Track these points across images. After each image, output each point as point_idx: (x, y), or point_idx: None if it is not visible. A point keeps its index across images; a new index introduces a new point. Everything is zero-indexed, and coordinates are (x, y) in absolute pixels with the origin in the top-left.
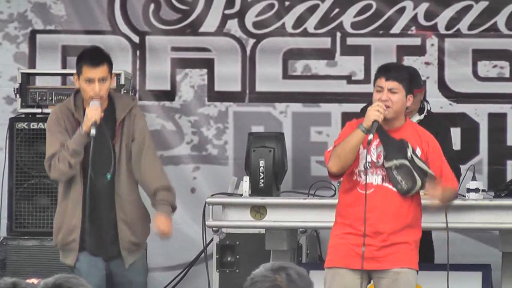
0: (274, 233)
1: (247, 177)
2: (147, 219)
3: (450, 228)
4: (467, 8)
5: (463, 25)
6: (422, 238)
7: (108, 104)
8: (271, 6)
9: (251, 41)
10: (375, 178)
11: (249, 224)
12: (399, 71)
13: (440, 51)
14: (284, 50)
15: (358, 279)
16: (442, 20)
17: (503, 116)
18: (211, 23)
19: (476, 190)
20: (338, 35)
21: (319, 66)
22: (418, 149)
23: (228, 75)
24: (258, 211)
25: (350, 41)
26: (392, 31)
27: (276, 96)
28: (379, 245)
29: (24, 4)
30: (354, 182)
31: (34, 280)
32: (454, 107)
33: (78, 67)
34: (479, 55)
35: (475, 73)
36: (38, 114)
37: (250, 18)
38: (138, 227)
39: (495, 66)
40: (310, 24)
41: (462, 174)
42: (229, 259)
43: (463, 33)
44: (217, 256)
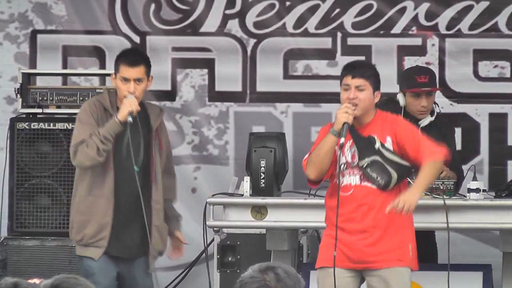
0: (275, 233)
1: (248, 177)
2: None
3: (451, 228)
4: (468, 8)
5: (464, 25)
6: (426, 238)
7: (141, 109)
8: (272, 6)
9: (252, 41)
10: (352, 179)
11: (250, 224)
12: (365, 68)
13: (441, 51)
14: (285, 50)
15: (349, 277)
16: (442, 20)
17: (504, 116)
18: (211, 23)
19: (476, 190)
20: (339, 35)
21: (320, 66)
22: (388, 139)
23: (229, 75)
24: (259, 211)
25: (350, 41)
26: (393, 31)
27: (277, 96)
28: (368, 244)
29: (24, 4)
30: (335, 185)
31: (36, 280)
32: (454, 107)
33: (116, 66)
34: (480, 55)
35: (475, 73)
36: (39, 114)
37: (251, 18)
38: (164, 235)
39: (496, 66)
40: (311, 24)
41: (463, 176)
42: (230, 259)
43: (464, 33)
44: (218, 256)
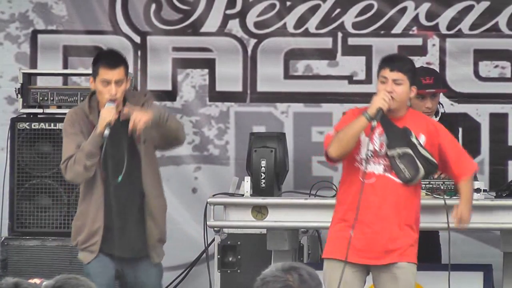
0: (276, 233)
1: (249, 177)
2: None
3: (451, 228)
4: (469, 8)
5: (464, 25)
6: (430, 239)
7: (123, 105)
8: (273, 6)
9: (253, 41)
10: (376, 168)
11: (250, 224)
12: (403, 62)
13: (442, 51)
14: (286, 50)
15: (355, 272)
16: (443, 20)
17: (504, 116)
18: (212, 23)
19: (477, 190)
20: (340, 35)
21: (320, 66)
22: (422, 136)
23: (229, 75)
24: (260, 211)
25: (351, 41)
26: (393, 31)
27: (277, 96)
28: (379, 236)
29: (25, 4)
30: (355, 169)
31: (36, 280)
32: (455, 107)
33: (95, 69)
34: (481, 55)
35: (476, 73)
36: (40, 114)
37: (252, 18)
38: (161, 221)
39: (496, 66)
40: (312, 24)
41: None
42: (230, 259)
43: (465, 33)
44: (218, 256)
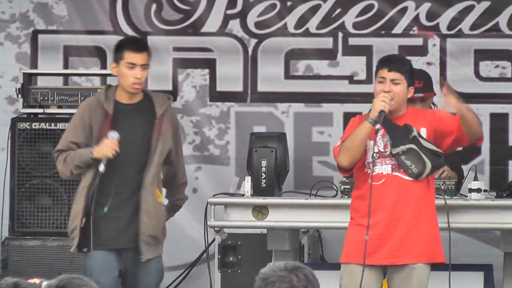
0: (276, 233)
1: (249, 177)
2: (164, 216)
3: (452, 228)
4: (469, 8)
5: (465, 25)
6: None
7: (143, 98)
8: (273, 6)
9: (253, 41)
10: (384, 168)
11: (251, 224)
12: (401, 62)
13: (442, 51)
14: (286, 50)
15: (372, 275)
16: (444, 20)
17: (505, 116)
18: (213, 23)
19: (478, 190)
20: (340, 35)
21: (321, 66)
22: (423, 130)
23: (230, 75)
24: (260, 211)
25: (352, 41)
26: (394, 31)
27: (278, 96)
28: (394, 236)
29: (26, 4)
30: (365, 175)
31: (36, 280)
32: None
33: (119, 53)
34: (481, 55)
35: (476, 73)
36: (40, 114)
37: (252, 18)
38: (156, 221)
39: (497, 66)
40: (312, 24)
41: (464, 176)
42: (231, 259)
43: (465, 33)
44: (219, 256)
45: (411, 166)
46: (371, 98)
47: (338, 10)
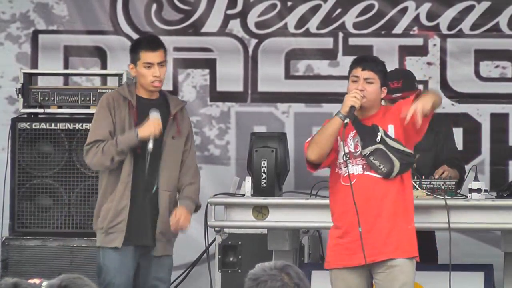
0: (276, 233)
1: (249, 177)
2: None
3: (452, 228)
4: (469, 8)
5: (465, 25)
6: (425, 238)
7: (160, 96)
8: (273, 6)
9: (253, 41)
10: (355, 168)
11: (251, 224)
12: (375, 62)
13: (442, 51)
14: (286, 50)
15: (358, 277)
16: (444, 20)
17: (505, 116)
18: (213, 23)
19: (478, 191)
20: (340, 35)
21: (321, 66)
22: (391, 126)
23: (230, 75)
24: (260, 211)
25: (352, 41)
26: (394, 31)
27: (278, 96)
28: (372, 235)
29: (26, 4)
30: (336, 175)
31: (36, 280)
32: (456, 107)
33: (135, 54)
34: (481, 55)
35: (477, 73)
36: (40, 114)
37: (252, 18)
38: (167, 216)
39: (497, 66)
40: (312, 24)
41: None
42: (231, 259)
43: (465, 33)
44: (219, 256)
45: (380, 166)
46: None
47: (339, 10)
